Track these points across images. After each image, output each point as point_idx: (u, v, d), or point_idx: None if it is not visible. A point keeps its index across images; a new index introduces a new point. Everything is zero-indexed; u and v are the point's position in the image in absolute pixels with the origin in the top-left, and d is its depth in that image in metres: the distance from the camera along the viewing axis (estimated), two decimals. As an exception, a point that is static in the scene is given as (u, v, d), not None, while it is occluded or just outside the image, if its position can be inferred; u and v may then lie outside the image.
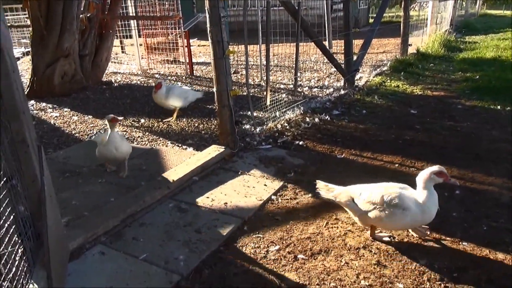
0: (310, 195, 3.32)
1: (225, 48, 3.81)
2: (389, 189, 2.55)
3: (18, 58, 11.76)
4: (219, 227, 2.87)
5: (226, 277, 2.38)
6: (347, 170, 3.77)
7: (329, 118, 5.23)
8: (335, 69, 7.01)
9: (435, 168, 2.53)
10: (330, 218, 2.96)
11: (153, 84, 7.96)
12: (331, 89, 6.74)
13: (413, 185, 2.63)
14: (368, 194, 2.57)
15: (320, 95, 6.44)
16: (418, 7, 13.49)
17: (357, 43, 7.78)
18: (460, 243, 2.61)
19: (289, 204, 3.20)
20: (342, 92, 6.47)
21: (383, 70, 8.27)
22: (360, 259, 2.48)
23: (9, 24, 11.60)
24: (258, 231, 2.83)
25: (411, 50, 9.89)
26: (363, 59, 7.77)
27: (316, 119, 5.12)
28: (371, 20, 20.91)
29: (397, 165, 3.85)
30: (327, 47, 10.24)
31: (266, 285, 2.31)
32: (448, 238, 2.66)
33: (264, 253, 2.58)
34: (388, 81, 7.31)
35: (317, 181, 2.87)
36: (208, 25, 3.79)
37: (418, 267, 2.38)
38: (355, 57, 6.91)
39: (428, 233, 2.68)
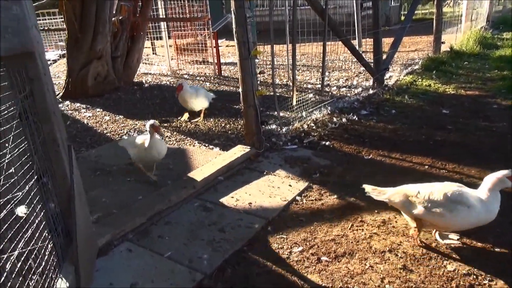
0: (335, 196, 3.28)
1: (251, 48, 3.82)
2: (450, 187, 2.45)
3: (55, 60, 12.24)
4: (243, 227, 2.88)
5: (248, 277, 2.39)
6: (374, 171, 3.70)
7: (356, 118, 5.14)
8: (364, 68, 6.88)
9: (508, 171, 2.40)
10: (355, 220, 2.91)
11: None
12: (360, 89, 6.63)
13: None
14: (427, 192, 2.46)
15: (348, 94, 6.34)
16: (453, 3, 13.03)
17: (388, 41, 7.63)
18: (492, 248, 2.50)
19: (313, 205, 3.17)
20: (371, 91, 6.34)
21: (414, 68, 8.05)
22: (385, 263, 2.43)
23: (46, 28, 12.10)
24: (282, 232, 2.82)
25: (444, 48, 9.58)
26: (393, 58, 7.59)
27: (344, 119, 5.05)
28: (403, 18, 20.41)
29: (427, 166, 3.74)
30: (357, 46, 10.10)
31: (289, 286, 2.30)
32: (479, 244, 2.56)
33: (287, 254, 2.57)
34: (419, 80, 7.11)
35: (364, 185, 2.78)
36: (234, 25, 3.82)
37: (447, 273, 2.30)
38: (384, 56, 6.76)
39: (457, 240, 2.59)
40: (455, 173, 3.57)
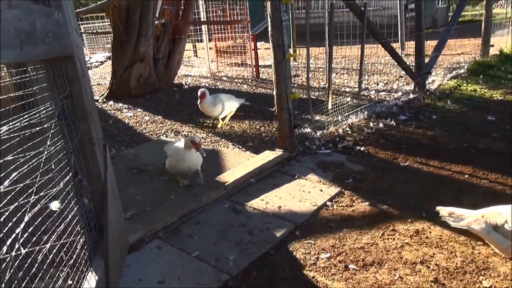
0: (367, 203, 3.21)
1: (286, 51, 3.82)
2: None
3: (102, 62, 12.84)
4: (271, 230, 2.88)
5: (273, 281, 2.38)
6: (410, 178, 3.58)
7: (394, 123, 5.00)
8: (405, 72, 6.68)
9: None
10: (386, 229, 2.83)
11: (220, 86, 8.24)
12: (399, 93, 6.43)
13: (487, 197, 2.42)
14: None
15: (387, 99, 6.18)
16: (505, 5, 12.35)
17: (432, 44, 7.35)
18: (534, 266, 2.35)
19: (344, 211, 3.12)
20: (411, 96, 6.14)
21: (459, 73, 7.71)
22: (416, 274, 2.34)
23: (95, 31, 12.70)
24: (310, 237, 2.79)
25: (493, 51, 9.09)
26: (437, 61, 7.31)
27: (381, 124, 4.93)
28: (450, 19, 19.59)
29: (467, 175, 3.57)
30: (399, 49, 9.83)
31: (313, 293, 2.27)
32: (520, 260, 2.41)
33: (314, 260, 2.54)
34: (464, 84, 6.79)
35: (438, 207, 2.64)
36: (269, 28, 3.84)
37: (481, 289, 2.19)
38: (427, 59, 6.52)
39: None
40: (497, 184, 3.39)
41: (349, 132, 4.75)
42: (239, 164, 3.95)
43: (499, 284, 2.22)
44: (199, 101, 5.23)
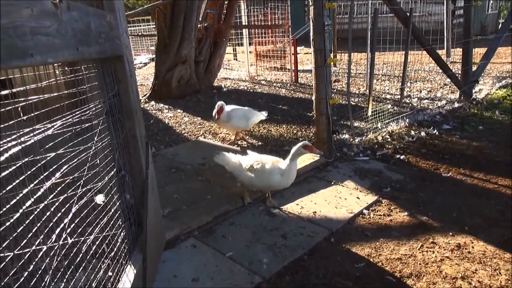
0: (406, 213, 3.12)
1: (327, 56, 3.80)
2: None
3: (146, 64, 13.26)
4: (305, 235, 2.86)
5: (306, 287, 2.37)
6: (451, 190, 3.44)
7: (437, 133, 4.83)
8: (450, 80, 6.44)
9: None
10: (426, 241, 2.74)
11: (258, 90, 8.28)
12: (444, 101, 6.21)
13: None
14: None
15: (430, 107, 5.98)
16: None
17: (480, 51, 7.05)
18: None
19: (381, 221, 3.05)
20: (456, 105, 5.91)
21: (509, 82, 7.33)
22: (456, 290, 2.25)
23: (140, 34, 13.15)
24: (345, 245, 2.75)
25: (548, 60, 8.60)
26: (485, 70, 7.00)
27: (422, 133, 4.78)
28: (500, 26, 18.70)
29: (514, 190, 3.39)
30: (445, 56, 9.49)
31: (347, 301, 2.23)
32: None
33: (348, 269, 2.50)
34: (515, 95, 6.46)
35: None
36: (311, 33, 3.83)
37: (528, 310, 2.07)
38: (474, 67, 6.26)
39: None
40: (549, 201, 3.19)
41: (389, 139, 4.63)
42: (275, 167, 3.95)
43: (547, 306, 2.09)
44: (216, 116, 4.75)
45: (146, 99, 7.72)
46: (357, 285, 2.34)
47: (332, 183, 3.68)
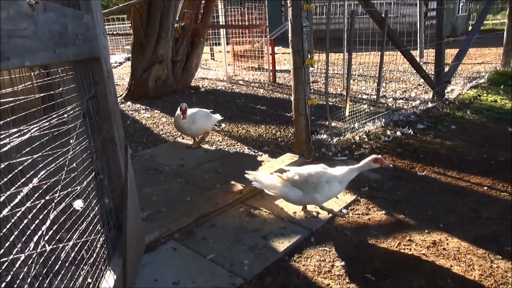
0: (383, 212, 3.18)
1: (305, 57, 3.83)
2: None
3: (121, 63, 13.02)
4: (286, 236, 2.88)
5: (287, 287, 2.38)
6: (427, 189, 3.54)
7: (412, 132, 4.95)
8: (424, 80, 6.62)
9: None
10: (403, 239, 2.80)
11: (236, 90, 8.27)
12: (418, 102, 6.37)
13: (507, 209, 2.38)
14: None
15: (405, 107, 6.12)
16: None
17: (452, 52, 7.27)
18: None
19: (360, 220, 3.10)
20: (430, 105, 6.08)
21: (479, 82, 7.60)
22: (432, 286, 2.31)
23: (115, 32, 12.90)
24: (325, 244, 2.78)
25: (515, 61, 8.93)
26: (457, 70, 7.22)
27: (398, 133, 4.88)
28: (470, 28, 19.31)
29: (486, 188, 3.51)
30: (418, 57, 9.73)
31: (328, 301, 2.26)
32: (540, 276, 2.36)
33: (329, 268, 2.53)
34: (484, 95, 6.69)
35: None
36: (290, 34, 3.85)
37: (500, 304, 2.15)
38: (447, 68, 6.45)
39: None
40: (518, 197, 3.33)
41: (366, 139, 4.72)
42: (255, 168, 3.95)
43: (518, 300, 2.18)
44: (182, 116, 4.51)
45: (122, 100, 7.59)
46: (338, 284, 2.38)
47: (312, 183, 3.71)
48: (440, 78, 6.23)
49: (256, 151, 4.63)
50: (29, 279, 1.25)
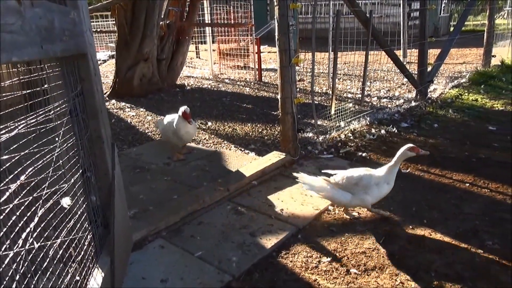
0: (369, 208, 3.23)
1: (292, 56, 3.86)
2: None
3: (105, 61, 12.84)
4: (273, 233, 2.90)
5: (275, 283, 2.40)
6: (411, 186, 3.61)
7: (396, 131, 5.03)
8: (407, 80, 6.73)
9: None
10: (388, 235, 2.85)
11: (222, 88, 8.26)
12: (401, 100, 6.48)
13: (488, 205, 2.45)
14: None
15: (389, 106, 6.22)
16: (507, 15, 12.44)
17: (434, 52, 7.40)
18: (534, 275, 2.37)
19: (346, 216, 3.14)
20: (413, 104, 6.19)
21: (460, 82, 7.77)
22: (417, 280, 2.37)
23: (99, 30, 12.73)
24: (312, 241, 2.82)
25: (494, 61, 9.16)
26: (439, 70, 7.36)
27: (382, 131, 4.96)
28: (452, 29, 19.69)
29: (468, 184, 3.60)
30: (402, 56, 9.88)
31: (315, 296, 2.29)
32: (519, 269, 2.43)
33: (316, 263, 2.57)
34: (466, 94, 6.85)
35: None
36: (276, 33, 3.87)
37: (482, 296, 2.21)
38: (430, 68, 6.57)
39: None
40: (498, 193, 3.42)
41: (351, 137, 4.78)
42: (242, 166, 3.97)
43: (499, 292, 2.24)
44: (184, 120, 4.07)
45: (107, 98, 7.50)
46: (325, 279, 2.41)
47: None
48: (423, 77, 6.34)
49: (242, 149, 4.64)
50: (17, 277, 1.24)
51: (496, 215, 3.08)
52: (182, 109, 4.09)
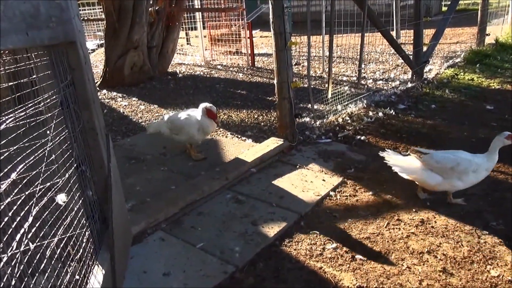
0: (370, 192, 3.19)
1: (287, 39, 3.75)
2: None
3: (93, 50, 12.58)
4: (275, 221, 2.85)
5: (280, 272, 2.36)
6: (412, 168, 3.56)
7: (394, 113, 4.97)
8: (402, 61, 6.65)
9: None
10: (391, 219, 2.82)
11: (215, 75, 8.12)
12: (397, 82, 6.41)
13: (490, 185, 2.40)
14: None
15: (385, 88, 6.15)
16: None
17: (428, 32, 7.30)
18: (541, 255, 2.35)
19: (348, 201, 3.10)
20: (409, 85, 6.12)
21: (456, 62, 7.70)
22: (423, 264, 2.33)
23: (86, 18, 12.42)
24: (315, 227, 2.77)
25: (488, 40, 9.09)
26: (434, 50, 7.28)
27: (380, 113, 4.90)
28: (444, 8, 19.55)
29: (468, 165, 3.56)
30: (395, 37, 9.77)
31: (321, 284, 2.25)
32: (526, 249, 2.41)
33: (320, 251, 2.52)
34: (462, 73, 6.79)
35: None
36: (271, 16, 3.75)
37: (490, 278, 2.19)
38: (425, 48, 6.49)
39: None
40: (499, 173, 3.39)
41: (349, 121, 4.71)
42: (239, 153, 3.89)
43: (507, 273, 2.22)
44: (210, 119, 3.75)
45: (98, 88, 7.33)
46: (331, 266, 2.37)
47: (297, 166, 3.68)
48: (419, 58, 6.26)
49: (239, 136, 4.56)
50: (13, 281, 1.16)
51: (498, 195, 3.05)
52: (204, 105, 3.74)
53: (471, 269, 2.27)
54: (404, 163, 3.00)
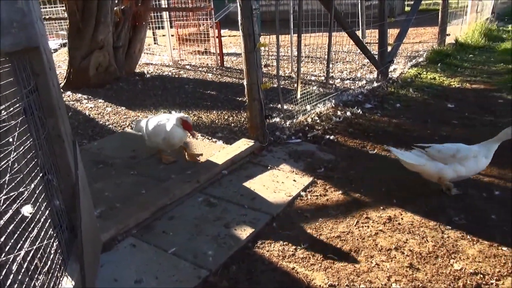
0: (340, 191, 3.26)
1: (256, 41, 3.77)
2: None
3: (56, 50, 12.14)
4: (247, 223, 2.86)
5: (253, 274, 2.38)
6: (379, 166, 3.67)
7: (361, 112, 5.10)
8: (368, 61, 6.81)
9: None
10: (360, 217, 2.90)
11: (184, 75, 8.03)
12: (364, 81, 6.57)
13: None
14: None
15: (352, 87, 6.29)
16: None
17: (392, 32, 7.51)
18: (499, 248, 2.48)
19: (318, 201, 3.15)
20: (375, 84, 6.29)
21: (418, 61, 7.98)
22: (391, 261, 2.42)
23: (47, 17, 11.97)
24: (287, 228, 2.80)
25: (449, 40, 9.47)
26: (398, 50, 7.50)
27: (348, 113, 5.01)
28: (407, 8, 20.18)
29: (432, 162, 3.70)
30: (361, 37, 9.99)
31: (294, 284, 2.29)
32: (485, 242, 2.54)
33: (292, 251, 2.56)
34: (424, 73, 7.04)
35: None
36: (239, 17, 3.75)
37: (454, 272, 2.29)
38: (389, 48, 6.68)
39: None
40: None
41: (318, 121, 4.79)
42: (210, 155, 3.88)
43: (468, 266, 2.33)
44: (179, 127, 3.59)
45: (61, 89, 7.09)
46: (303, 267, 2.41)
47: (269, 167, 3.71)
48: (384, 58, 6.44)
49: (210, 138, 4.54)
50: (-22, 300, 1.12)
51: (460, 191, 3.19)
52: (179, 116, 3.60)
53: (436, 263, 2.37)
54: (411, 156, 3.23)
